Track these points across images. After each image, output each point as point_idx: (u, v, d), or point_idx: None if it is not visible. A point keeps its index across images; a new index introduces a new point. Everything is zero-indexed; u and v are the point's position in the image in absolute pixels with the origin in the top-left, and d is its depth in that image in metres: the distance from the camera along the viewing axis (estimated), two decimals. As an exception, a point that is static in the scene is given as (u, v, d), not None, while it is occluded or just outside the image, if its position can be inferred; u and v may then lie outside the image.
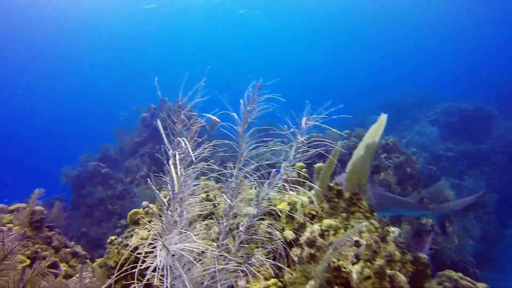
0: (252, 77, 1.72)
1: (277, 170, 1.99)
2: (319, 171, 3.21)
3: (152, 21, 35.19)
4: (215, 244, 2.15)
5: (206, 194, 2.60)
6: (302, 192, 2.71)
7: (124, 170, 11.25)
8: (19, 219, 3.54)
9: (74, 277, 2.59)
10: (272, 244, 2.13)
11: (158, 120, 1.47)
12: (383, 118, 3.59)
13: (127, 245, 2.37)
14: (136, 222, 2.98)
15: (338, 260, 1.97)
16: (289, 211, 2.36)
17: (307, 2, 31.76)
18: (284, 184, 1.88)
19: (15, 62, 39.06)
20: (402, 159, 8.06)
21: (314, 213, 2.44)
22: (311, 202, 2.62)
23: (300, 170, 2.89)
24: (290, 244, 2.20)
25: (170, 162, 1.33)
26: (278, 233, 2.19)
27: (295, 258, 2.12)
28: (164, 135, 1.44)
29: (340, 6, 33.28)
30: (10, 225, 3.58)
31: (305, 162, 2.02)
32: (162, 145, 1.59)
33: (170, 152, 1.42)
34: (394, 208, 4.87)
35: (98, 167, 10.95)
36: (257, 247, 2.16)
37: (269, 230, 2.18)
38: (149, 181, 1.82)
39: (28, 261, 2.87)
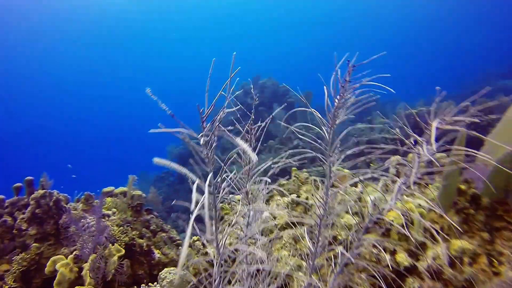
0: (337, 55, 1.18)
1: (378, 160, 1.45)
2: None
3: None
4: (304, 264, 1.76)
5: (296, 196, 2.20)
6: (417, 194, 2.09)
7: (221, 147, 11.70)
8: (119, 204, 3.75)
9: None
10: (379, 270, 1.62)
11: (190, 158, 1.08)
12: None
13: (206, 253, 2.17)
14: (221, 218, 2.80)
15: (482, 308, 1.36)
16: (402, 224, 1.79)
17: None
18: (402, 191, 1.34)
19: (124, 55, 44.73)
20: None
21: (437, 227, 1.81)
22: (431, 209, 1.98)
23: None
24: (404, 271, 1.65)
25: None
26: (387, 256, 1.66)
27: (413, 294, 1.58)
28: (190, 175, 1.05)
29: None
30: (114, 209, 3.83)
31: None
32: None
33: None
34: None
35: (198, 145, 11.58)
36: (359, 271, 1.68)
37: (375, 250, 1.67)
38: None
39: (123, 251, 2.97)
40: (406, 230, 1.76)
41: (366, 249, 1.69)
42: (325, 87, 1.09)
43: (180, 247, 3.88)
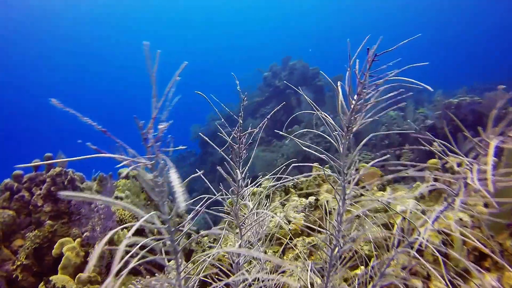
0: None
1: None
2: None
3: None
4: (318, 282, 1.51)
5: (315, 199, 1.93)
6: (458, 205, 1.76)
7: (244, 130, 11.51)
8: (132, 187, 3.64)
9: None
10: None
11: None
12: None
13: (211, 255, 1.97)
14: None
15: None
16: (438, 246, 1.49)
17: None
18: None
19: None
20: None
21: (484, 251, 1.49)
22: (476, 226, 1.65)
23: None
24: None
25: None
26: (419, 283, 1.38)
27: (450, 337, 1.30)
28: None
29: None
30: (128, 192, 3.73)
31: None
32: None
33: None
34: None
35: (221, 126, 11.49)
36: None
37: (405, 276, 1.38)
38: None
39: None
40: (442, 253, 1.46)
41: (393, 273, 1.40)
42: (339, 85, 0.79)
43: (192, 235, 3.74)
